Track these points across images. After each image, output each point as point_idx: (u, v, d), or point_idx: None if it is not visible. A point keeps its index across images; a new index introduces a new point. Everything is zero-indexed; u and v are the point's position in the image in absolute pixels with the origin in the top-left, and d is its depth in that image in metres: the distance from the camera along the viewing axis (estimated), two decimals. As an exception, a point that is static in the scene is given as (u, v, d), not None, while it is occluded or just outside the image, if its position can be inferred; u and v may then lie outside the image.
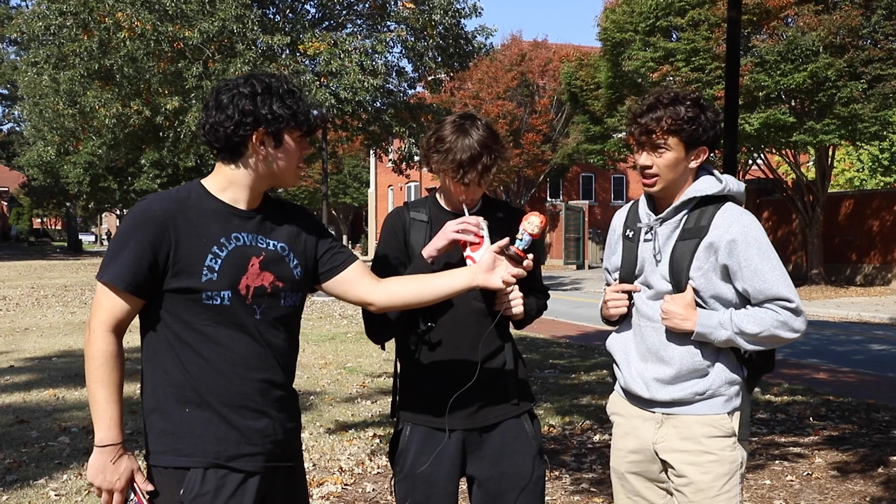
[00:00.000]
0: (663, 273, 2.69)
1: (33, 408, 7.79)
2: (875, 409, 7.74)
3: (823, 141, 20.45)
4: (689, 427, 2.69)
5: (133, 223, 2.30)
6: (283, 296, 2.41)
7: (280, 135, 2.34)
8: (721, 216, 2.65)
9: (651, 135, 2.62)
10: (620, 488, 2.90)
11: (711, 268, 2.63)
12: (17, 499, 5.21)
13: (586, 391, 8.61)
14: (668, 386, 2.70)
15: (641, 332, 2.76)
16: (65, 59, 21.11)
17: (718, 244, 2.61)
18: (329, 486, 5.45)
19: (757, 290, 2.60)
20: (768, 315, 2.60)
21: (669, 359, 2.68)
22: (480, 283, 2.48)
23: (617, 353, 2.87)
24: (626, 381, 2.81)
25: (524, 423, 2.85)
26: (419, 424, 2.81)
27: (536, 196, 39.35)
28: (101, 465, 2.28)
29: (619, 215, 2.94)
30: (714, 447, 2.68)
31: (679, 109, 2.60)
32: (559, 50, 36.85)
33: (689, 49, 20.55)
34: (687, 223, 2.68)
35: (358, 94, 20.21)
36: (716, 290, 2.64)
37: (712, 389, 2.67)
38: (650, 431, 2.76)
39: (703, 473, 2.67)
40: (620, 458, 2.87)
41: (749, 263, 2.59)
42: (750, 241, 2.60)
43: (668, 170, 2.64)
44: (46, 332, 13.64)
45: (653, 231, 2.73)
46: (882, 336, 13.97)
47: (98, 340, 2.27)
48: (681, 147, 2.62)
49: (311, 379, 9.28)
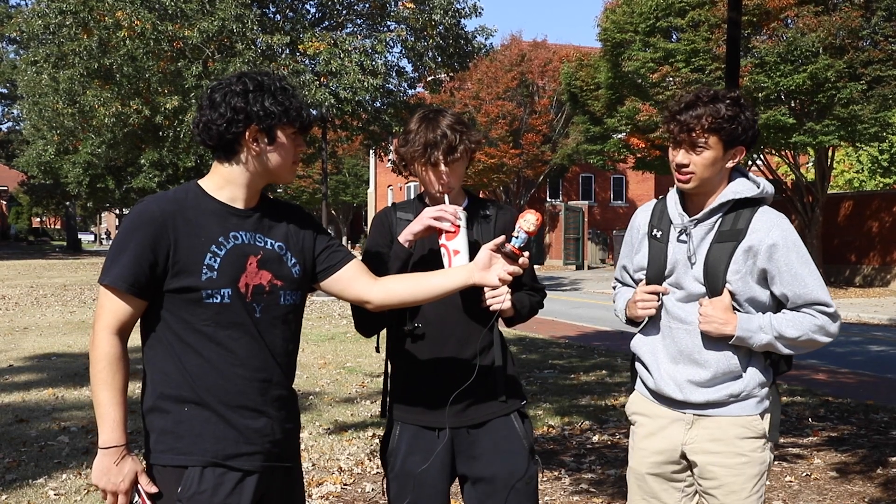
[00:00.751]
0: (697, 275, 2.66)
1: (32, 407, 7.79)
2: (874, 410, 7.75)
3: (823, 142, 20.44)
4: (723, 428, 2.68)
5: (132, 225, 2.31)
6: (283, 294, 2.42)
7: (273, 131, 2.35)
8: (759, 220, 2.64)
9: (691, 133, 2.59)
10: (637, 489, 2.88)
11: (749, 271, 2.61)
12: (17, 498, 5.21)
13: (585, 391, 8.61)
14: (702, 388, 2.68)
15: (672, 335, 2.73)
16: (64, 58, 21.07)
17: (758, 248, 2.60)
18: (328, 485, 5.45)
19: (797, 294, 2.60)
20: (807, 319, 2.60)
21: (705, 361, 2.67)
22: (477, 280, 2.48)
23: (645, 354, 2.83)
24: (656, 383, 2.77)
25: (514, 422, 2.84)
26: (409, 423, 2.81)
27: (536, 196, 39.35)
28: (104, 467, 2.29)
29: (642, 213, 2.90)
30: (746, 448, 2.68)
31: (720, 107, 2.58)
32: (559, 50, 36.87)
33: (690, 50, 20.55)
34: (722, 226, 2.66)
35: (358, 94, 20.20)
36: (752, 294, 2.63)
37: (746, 391, 2.67)
38: (680, 432, 2.75)
39: (735, 475, 2.67)
40: (642, 458, 2.84)
41: (790, 268, 2.59)
42: (790, 245, 2.60)
43: (705, 168, 2.61)
44: (45, 331, 13.64)
45: (687, 232, 2.70)
46: (881, 337, 13.98)
47: (102, 343, 2.28)
48: (720, 146, 2.60)
49: (311, 379, 9.28)
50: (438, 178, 2.74)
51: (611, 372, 9.81)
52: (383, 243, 2.84)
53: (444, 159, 2.71)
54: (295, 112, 2.36)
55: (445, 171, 2.73)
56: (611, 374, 9.69)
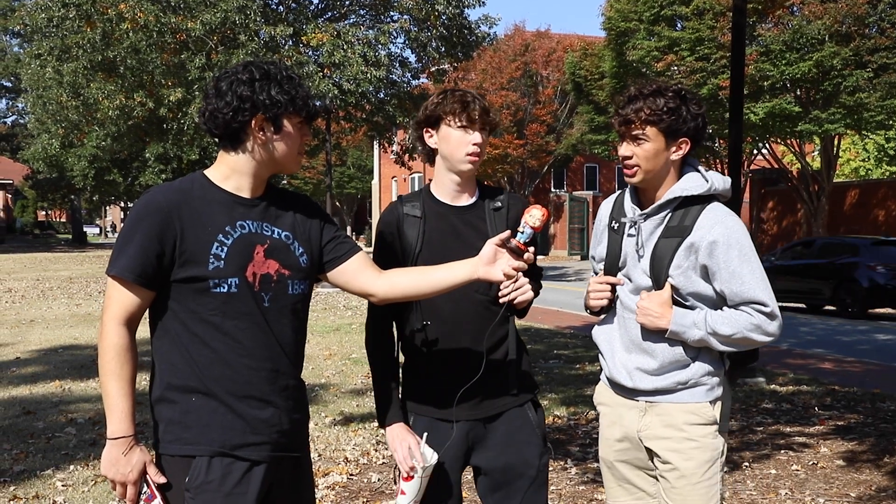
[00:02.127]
0: (644, 269, 2.71)
1: (39, 399, 7.82)
2: (881, 399, 7.74)
3: (829, 130, 20.40)
4: (672, 415, 2.72)
5: (138, 216, 2.31)
6: (291, 284, 2.41)
7: (279, 120, 2.34)
8: (705, 217, 2.66)
9: (630, 125, 2.65)
10: (610, 476, 2.93)
11: (691, 266, 2.65)
12: (25, 489, 5.23)
13: (591, 381, 8.61)
14: (651, 376, 2.73)
15: (625, 324, 2.78)
16: (68, 51, 21.09)
17: (699, 245, 2.63)
18: (335, 476, 5.46)
19: (734, 292, 2.62)
20: (743, 318, 2.62)
21: (652, 350, 2.71)
22: (481, 275, 2.46)
23: (602, 343, 2.89)
24: (610, 371, 2.84)
25: (528, 412, 2.84)
26: (423, 415, 2.80)
27: (540, 187, 39.32)
28: (113, 458, 2.29)
29: (605, 205, 2.95)
30: (696, 434, 2.71)
31: (658, 101, 2.62)
32: (563, 40, 36.80)
33: (694, 38, 20.49)
34: (671, 221, 2.70)
35: (361, 86, 20.18)
36: (695, 289, 2.66)
37: (694, 379, 2.70)
38: (635, 420, 2.79)
39: (686, 460, 2.70)
40: (608, 446, 2.90)
41: (728, 266, 2.61)
42: (731, 243, 2.62)
43: (646, 160, 2.66)
44: (52, 323, 13.67)
45: (637, 226, 2.75)
46: (887, 326, 13.96)
47: (110, 334, 2.28)
48: (660, 138, 2.64)
49: (317, 370, 9.30)
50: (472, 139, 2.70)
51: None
52: (390, 243, 2.80)
53: (481, 118, 2.70)
54: (301, 101, 2.35)
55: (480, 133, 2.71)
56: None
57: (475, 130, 2.70)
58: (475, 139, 2.70)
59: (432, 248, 2.74)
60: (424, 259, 2.72)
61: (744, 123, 9.80)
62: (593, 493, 5.14)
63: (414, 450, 2.69)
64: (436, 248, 2.73)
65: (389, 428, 2.76)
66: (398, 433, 2.74)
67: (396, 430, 2.75)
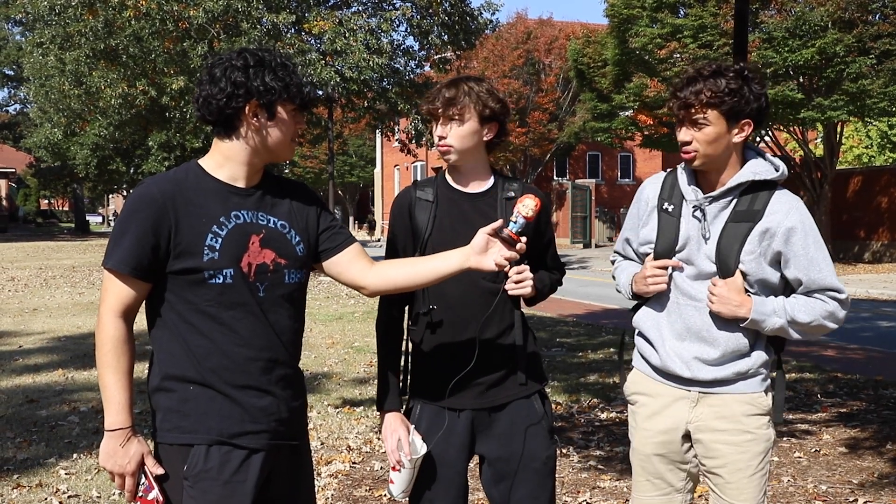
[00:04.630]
0: (709, 253, 2.62)
1: (42, 388, 7.83)
2: (883, 386, 7.74)
3: (832, 117, 20.33)
4: (728, 406, 2.67)
5: (132, 208, 2.30)
6: (287, 273, 2.41)
7: (273, 107, 2.33)
8: (778, 202, 2.60)
9: (689, 109, 2.55)
10: (641, 470, 2.85)
11: (762, 253, 2.59)
12: (28, 478, 5.24)
13: (594, 369, 8.62)
14: (710, 366, 2.66)
15: (680, 311, 2.69)
16: (70, 40, 21.04)
17: (776, 230, 2.57)
18: (337, 464, 5.47)
19: (811, 279, 2.58)
20: (819, 305, 2.59)
21: (714, 339, 2.64)
22: (473, 265, 2.44)
23: (649, 330, 2.79)
24: (661, 360, 2.74)
25: (534, 403, 2.81)
26: (429, 403, 2.79)
27: (543, 175, 39.25)
28: (111, 450, 2.30)
29: (651, 186, 2.83)
30: (752, 426, 2.66)
31: (720, 82, 2.52)
32: (565, 27, 36.69)
33: (697, 25, 20.40)
34: (738, 205, 2.61)
35: (363, 73, 20.12)
36: (763, 276, 2.60)
37: (753, 369, 2.66)
38: (684, 411, 2.72)
39: (741, 453, 2.65)
40: (646, 438, 2.82)
41: (806, 252, 2.57)
42: (807, 230, 2.58)
43: (707, 145, 2.57)
44: (55, 312, 13.69)
45: (701, 209, 2.65)
46: (890, 313, 13.95)
47: (107, 326, 2.29)
48: (721, 121, 2.55)
49: (319, 358, 9.30)
50: (436, 132, 2.72)
51: (619, 350, 9.79)
52: (402, 227, 2.80)
53: (443, 111, 2.69)
54: (295, 88, 2.34)
55: (441, 125, 2.71)
56: (619, 351, 9.68)
57: (439, 124, 2.71)
58: (439, 132, 2.72)
59: (443, 232, 2.74)
60: (434, 243, 2.72)
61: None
62: (595, 480, 5.15)
63: (403, 442, 2.69)
64: (446, 232, 2.73)
65: (385, 416, 2.78)
66: (390, 423, 2.75)
67: (389, 420, 2.76)
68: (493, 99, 2.74)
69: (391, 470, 2.74)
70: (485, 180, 2.82)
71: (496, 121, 2.76)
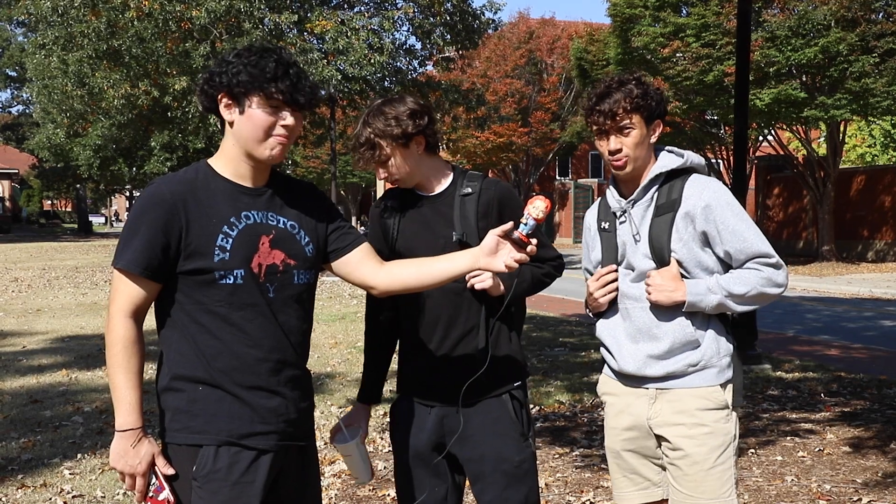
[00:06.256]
0: (644, 251, 2.73)
1: (46, 388, 7.85)
2: (887, 385, 7.73)
3: (835, 116, 20.31)
4: (683, 400, 2.73)
5: (143, 208, 2.30)
6: (296, 273, 2.41)
7: (241, 99, 2.30)
8: (690, 186, 2.72)
9: (615, 117, 2.67)
10: (616, 466, 2.93)
11: (691, 237, 2.68)
12: (33, 478, 5.25)
13: (596, 369, 8.59)
14: (661, 361, 2.73)
15: (629, 314, 2.79)
16: (73, 40, 21.05)
17: (694, 212, 2.67)
18: (341, 464, 5.47)
19: (738, 249, 2.66)
20: (752, 274, 2.66)
21: (662, 334, 2.71)
22: (483, 266, 2.44)
23: (606, 338, 2.90)
24: (619, 364, 2.84)
25: (506, 404, 2.79)
26: (405, 398, 2.90)
27: (545, 174, 39.26)
28: (121, 450, 2.30)
29: (590, 214, 3.00)
30: (708, 419, 2.71)
31: (631, 88, 2.68)
32: (567, 27, 36.70)
33: (700, 24, 20.39)
34: (658, 199, 2.74)
35: (364, 70, 20.12)
36: (698, 259, 2.69)
37: (705, 360, 2.71)
38: (644, 408, 2.79)
39: (699, 446, 2.70)
40: (615, 436, 2.90)
41: (727, 225, 2.66)
42: (723, 204, 2.67)
43: (636, 148, 2.69)
44: (58, 313, 13.71)
45: (626, 213, 2.78)
46: (893, 312, 13.93)
47: (117, 326, 2.29)
48: (642, 123, 2.70)
49: (322, 359, 9.31)
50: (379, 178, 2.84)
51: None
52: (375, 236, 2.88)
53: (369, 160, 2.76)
54: (265, 81, 2.27)
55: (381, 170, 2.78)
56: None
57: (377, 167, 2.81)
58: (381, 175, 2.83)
59: (405, 237, 2.82)
60: (399, 248, 2.80)
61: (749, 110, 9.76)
62: (598, 479, 5.15)
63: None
64: (408, 237, 2.81)
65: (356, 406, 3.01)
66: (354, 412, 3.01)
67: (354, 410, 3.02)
68: (398, 125, 2.71)
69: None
70: (440, 182, 2.85)
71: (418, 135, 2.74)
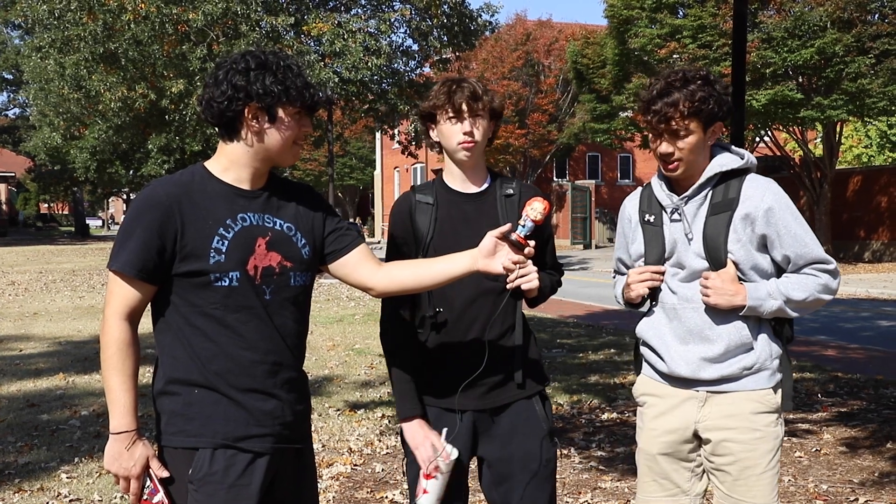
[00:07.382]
0: (697, 251, 2.65)
1: (43, 392, 7.83)
2: (884, 385, 7.74)
3: (831, 117, 20.34)
4: (736, 404, 2.67)
5: (138, 210, 2.31)
6: (293, 275, 2.41)
7: (273, 110, 2.32)
8: (750, 187, 2.63)
9: (669, 122, 2.56)
10: (647, 469, 2.85)
11: (749, 239, 2.61)
12: (30, 482, 5.25)
13: (594, 370, 8.62)
14: (715, 364, 2.66)
15: (678, 315, 2.70)
16: (69, 43, 21.06)
17: (755, 214, 2.59)
18: (338, 466, 5.48)
19: (798, 255, 2.61)
20: (810, 280, 2.62)
21: (716, 336, 2.65)
22: (481, 268, 2.44)
23: (652, 339, 2.79)
24: (668, 366, 2.73)
25: (535, 405, 2.80)
26: (431, 406, 2.78)
27: (542, 176, 39.25)
28: (116, 453, 2.30)
29: (630, 203, 2.88)
30: (760, 423, 2.67)
31: (694, 90, 2.54)
32: (564, 29, 36.73)
33: (696, 25, 20.42)
34: (714, 198, 2.64)
35: (360, 72, 20.13)
36: (754, 261, 2.62)
37: (759, 363, 2.66)
38: (692, 410, 2.72)
39: (750, 451, 2.65)
40: (653, 438, 2.81)
41: (789, 230, 2.60)
42: (784, 207, 2.61)
43: (690, 153, 2.60)
44: (55, 316, 13.69)
45: (680, 211, 2.68)
46: (890, 312, 13.94)
47: (112, 328, 2.29)
48: (700, 128, 2.58)
49: (320, 361, 9.30)
50: (462, 129, 2.69)
51: (619, 351, 9.81)
52: (403, 231, 2.79)
53: (468, 106, 2.67)
54: (296, 91, 2.33)
55: (469, 121, 2.69)
56: (619, 352, 9.70)
57: (463, 120, 2.69)
58: (464, 128, 2.69)
59: (444, 235, 2.74)
60: (436, 246, 2.71)
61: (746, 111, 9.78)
62: (597, 481, 5.15)
63: (438, 448, 2.65)
64: (447, 235, 2.73)
65: (408, 424, 2.73)
66: (418, 430, 2.71)
67: (416, 427, 2.72)
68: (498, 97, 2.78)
69: (424, 479, 2.66)
70: (483, 180, 2.83)
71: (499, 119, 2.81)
